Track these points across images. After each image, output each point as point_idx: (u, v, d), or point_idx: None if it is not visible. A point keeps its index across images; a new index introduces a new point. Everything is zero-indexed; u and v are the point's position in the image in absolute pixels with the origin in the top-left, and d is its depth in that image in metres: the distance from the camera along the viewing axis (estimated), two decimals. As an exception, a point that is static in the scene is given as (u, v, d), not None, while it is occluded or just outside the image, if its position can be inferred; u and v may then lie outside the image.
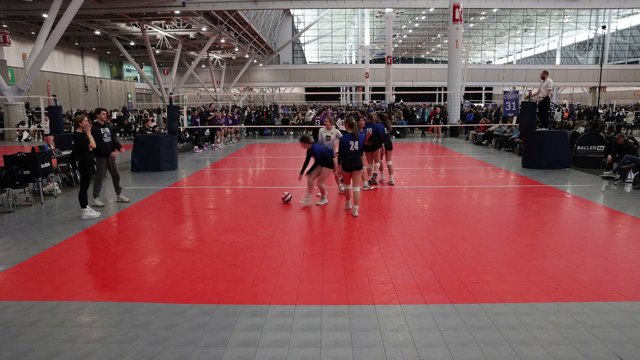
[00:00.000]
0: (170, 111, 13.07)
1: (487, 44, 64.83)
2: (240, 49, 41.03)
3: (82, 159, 7.15)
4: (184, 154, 16.07)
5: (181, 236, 6.25)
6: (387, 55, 39.98)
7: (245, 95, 59.20)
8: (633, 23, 54.41)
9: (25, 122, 22.23)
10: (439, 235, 6.11)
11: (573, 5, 27.41)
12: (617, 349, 3.34)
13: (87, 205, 7.20)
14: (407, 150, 16.66)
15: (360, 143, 7.24)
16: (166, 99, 31.96)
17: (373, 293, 4.31)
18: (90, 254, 5.52)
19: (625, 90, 55.36)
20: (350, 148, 7.09)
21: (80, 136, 7.06)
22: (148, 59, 36.43)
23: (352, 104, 45.69)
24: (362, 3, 28.04)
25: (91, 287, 4.54)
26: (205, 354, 3.31)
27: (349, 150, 7.10)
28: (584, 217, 7.25)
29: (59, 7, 18.98)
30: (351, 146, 7.09)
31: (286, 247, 5.68)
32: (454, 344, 3.41)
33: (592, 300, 4.12)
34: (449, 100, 23.23)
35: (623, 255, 5.30)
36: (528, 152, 12.19)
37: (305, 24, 57.25)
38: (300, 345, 3.42)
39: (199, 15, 27.70)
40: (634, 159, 9.66)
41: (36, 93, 26.79)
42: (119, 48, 32.83)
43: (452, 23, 22.31)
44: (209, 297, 4.23)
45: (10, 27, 24.71)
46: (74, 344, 3.47)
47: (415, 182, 10.24)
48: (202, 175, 11.52)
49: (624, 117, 27.06)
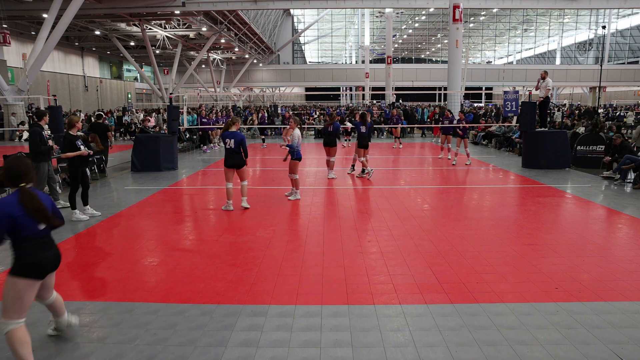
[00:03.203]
0: (170, 111, 13.07)
1: (487, 44, 64.81)
2: (240, 49, 41.01)
3: (70, 161, 7.08)
4: (184, 154, 16.08)
5: (181, 236, 6.25)
6: (387, 55, 40.00)
7: (245, 95, 59.20)
8: (633, 23, 54.39)
9: (25, 122, 22.23)
10: (439, 235, 6.10)
11: (573, 5, 27.41)
12: (617, 349, 3.34)
13: (77, 208, 7.14)
14: (407, 151, 16.66)
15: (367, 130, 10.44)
16: (166, 99, 31.95)
17: (373, 293, 4.31)
18: (90, 254, 5.52)
19: (625, 90, 55.35)
20: (361, 131, 10.31)
21: (71, 137, 6.96)
22: (148, 59, 36.41)
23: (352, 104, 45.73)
24: (362, 3, 28.02)
25: (91, 287, 4.53)
26: (205, 354, 3.31)
27: (361, 133, 10.35)
28: (584, 217, 7.25)
29: (59, 7, 18.96)
30: (362, 129, 10.29)
31: (286, 247, 5.68)
32: (454, 344, 3.41)
33: (592, 300, 4.12)
34: (449, 100, 23.21)
35: (623, 255, 5.30)
36: (528, 152, 12.19)
37: (305, 24, 57.22)
38: (300, 345, 3.42)
39: (199, 15, 27.67)
40: (634, 159, 9.67)
41: (36, 93, 26.77)
42: (119, 48, 32.80)
43: (452, 23, 22.30)
44: (209, 297, 4.23)
45: (10, 27, 24.69)
46: (74, 344, 3.47)
47: (415, 182, 10.25)
48: (202, 175, 11.52)
49: (624, 117, 27.07)
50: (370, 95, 46.53)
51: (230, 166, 7.53)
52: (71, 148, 6.93)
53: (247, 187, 7.80)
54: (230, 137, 7.41)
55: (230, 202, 7.65)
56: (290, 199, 8.34)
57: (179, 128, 13.99)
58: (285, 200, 8.32)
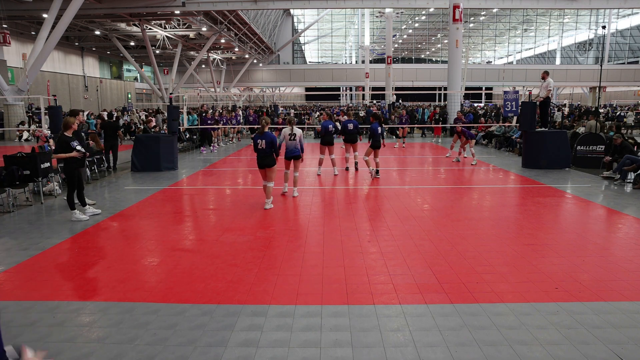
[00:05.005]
0: (170, 111, 13.07)
1: (487, 44, 64.81)
2: (240, 49, 41.01)
3: (65, 162, 7.06)
4: (184, 154, 16.08)
5: (181, 236, 6.25)
6: (387, 55, 39.96)
7: (245, 95, 59.18)
8: (633, 23, 54.39)
9: (25, 122, 22.24)
10: (439, 235, 6.10)
11: (573, 5, 27.42)
12: (617, 349, 3.33)
13: (76, 209, 7.14)
14: (407, 151, 16.66)
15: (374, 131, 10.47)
16: (166, 99, 31.95)
17: (373, 293, 4.31)
18: (90, 254, 5.52)
19: (625, 90, 55.36)
20: (377, 132, 10.38)
21: (65, 138, 6.93)
22: (148, 59, 36.42)
23: (352, 104, 45.74)
24: (362, 3, 28.03)
25: (91, 287, 4.53)
26: (205, 354, 3.31)
27: (377, 134, 10.40)
28: (584, 217, 7.25)
29: (59, 7, 18.97)
30: (378, 131, 10.37)
31: (286, 247, 5.68)
32: (454, 344, 3.41)
33: (592, 300, 4.12)
34: (449, 100, 23.23)
35: (623, 255, 5.30)
36: (528, 152, 12.19)
37: (305, 24, 57.21)
38: (300, 345, 3.42)
39: (199, 15, 27.68)
40: (635, 159, 9.66)
41: (36, 93, 26.78)
42: (119, 48, 32.81)
43: (452, 23, 22.32)
44: (209, 297, 4.23)
45: (10, 27, 24.69)
46: (74, 344, 3.47)
47: (415, 182, 10.25)
48: (202, 175, 11.52)
49: (624, 117, 27.07)
50: (370, 95, 46.52)
51: (263, 167, 7.73)
52: (65, 149, 6.90)
53: (272, 188, 7.85)
54: (261, 139, 7.57)
55: (270, 200, 7.76)
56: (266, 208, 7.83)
57: (179, 128, 13.99)
58: (285, 201, 8.33)
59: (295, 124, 9.00)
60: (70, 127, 7.02)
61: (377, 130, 10.40)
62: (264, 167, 7.73)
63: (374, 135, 10.40)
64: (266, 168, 7.72)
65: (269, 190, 7.76)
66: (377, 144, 10.40)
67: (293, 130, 8.73)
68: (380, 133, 10.43)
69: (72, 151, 6.91)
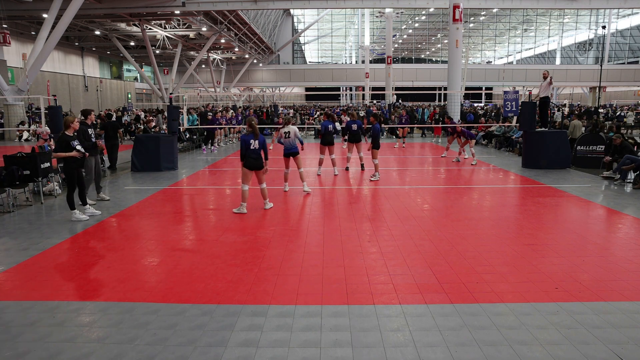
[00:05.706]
0: (170, 111, 13.07)
1: (487, 44, 64.81)
2: (240, 49, 41.01)
3: (65, 161, 7.05)
4: (184, 153, 16.08)
5: (181, 236, 6.25)
6: (387, 55, 39.96)
7: (245, 95, 59.18)
8: (633, 23, 54.39)
9: (25, 122, 22.24)
10: (439, 235, 6.10)
11: (573, 5, 27.41)
12: (617, 349, 3.33)
13: (76, 209, 7.14)
14: (407, 150, 16.66)
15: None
16: (166, 99, 31.94)
17: (373, 293, 4.31)
18: (90, 254, 5.52)
19: (625, 90, 55.35)
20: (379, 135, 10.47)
21: (66, 138, 6.92)
22: (148, 59, 36.41)
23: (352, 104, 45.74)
24: (362, 3, 28.03)
25: (91, 287, 4.53)
26: (205, 354, 3.31)
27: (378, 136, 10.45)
28: (584, 217, 7.25)
29: (59, 7, 18.97)
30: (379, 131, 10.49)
31: (286, 247, 5.68)
32: (454, 344, 3.41)
33: (592, 300, 4.12)
34: (449, 100, 23.22)
35: (623, 255, 5.30)
36: (528, 152, 12.19)
37: (305, 24, 57.22)
38: (300, 345, 3.42)
39: (199, 15, 27.68)
40: (635, 159, 9.66)
41: (36, 93, 26.78)
42: (119, 48, 32.81)
43: (452, 23, 22.31)
44: (209, 297, 4.23)
45: (10, 27, 24.69)
46: (74, 344, 3.47)
47: (415, 182, 10.25)
48: (202, 175, 11.52)
49: (624, 117, 27.07)
50: (370, 95, 46.51)
51: (254, 168, 7.40)
52: (65, 148, 6.89)
53: (267, 189, 7.79)
54: (254, 139, 7.26)
55: (244, 205, 7.49)
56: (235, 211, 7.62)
57: (179, 128, 13.99)
58: (285, 201, 8.33)
59: (293, 123, 9.01)
60: (70, 127, 7.02)
61: (379, 131, 10.59)
62: (255, 169, 7.41)
63: (376, 136, 10.47)
64: (256, 170, 7.44)
65: (264, 192, 7.69)
66: (378, 144, 10.48)
67: (287, 128, 8.79)
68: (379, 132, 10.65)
69: (72, 151, 6.90)
